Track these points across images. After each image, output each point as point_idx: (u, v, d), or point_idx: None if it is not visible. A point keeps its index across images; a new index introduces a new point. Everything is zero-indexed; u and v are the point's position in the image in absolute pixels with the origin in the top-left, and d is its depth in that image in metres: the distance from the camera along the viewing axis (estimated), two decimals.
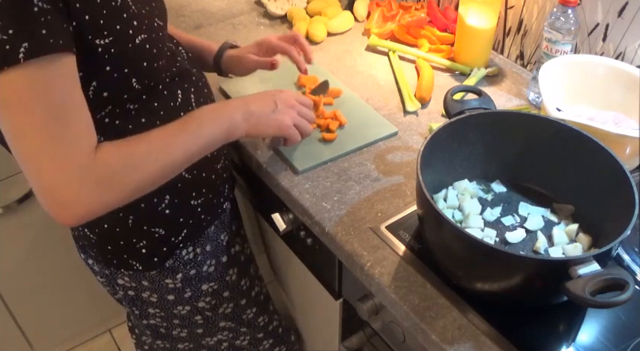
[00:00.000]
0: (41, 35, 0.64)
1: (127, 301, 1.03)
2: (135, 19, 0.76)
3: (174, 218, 0.93)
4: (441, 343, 0.76)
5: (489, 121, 0.90)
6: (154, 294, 1.00)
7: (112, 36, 0.73)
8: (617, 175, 0.80)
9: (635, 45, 1.08)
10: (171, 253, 0.96)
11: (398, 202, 0.96)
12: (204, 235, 1.00)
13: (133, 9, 0.76)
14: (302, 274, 1.17)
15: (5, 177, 1.40)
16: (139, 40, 0.77)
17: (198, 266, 1.00)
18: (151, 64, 0.81)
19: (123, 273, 0.97)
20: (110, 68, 0.75)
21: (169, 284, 0.99)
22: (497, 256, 0.72)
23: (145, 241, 0.92)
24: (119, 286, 1.00)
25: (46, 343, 1.73)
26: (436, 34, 1.34)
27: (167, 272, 0.97)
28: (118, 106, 0.80)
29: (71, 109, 0.68)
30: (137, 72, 0.79)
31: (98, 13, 0.71)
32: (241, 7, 1.52)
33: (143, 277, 0.97)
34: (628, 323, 0.79)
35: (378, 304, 0.93)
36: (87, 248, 0.97)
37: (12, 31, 0.62)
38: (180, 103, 0.87)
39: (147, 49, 0.79)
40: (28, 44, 0.63)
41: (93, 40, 0.71)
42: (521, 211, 0.91)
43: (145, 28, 0.78)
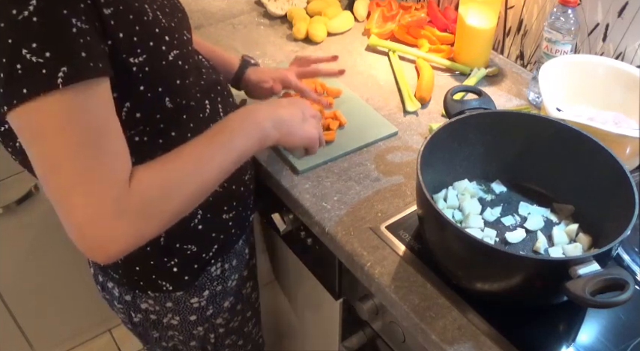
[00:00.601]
0: (81, 58, 0.59)
1: (146, 325, 0.98)
2: (166, 34, 0.73)
3: (207, 234, 0.89)
4: (441, 343, 0.76)
5: (489, 121, 0.90)
6: (177, 316, 0.96)
7: (146, 53, 0.69)
8: (617, 175, 0.80)
9: (635, 45, 1.08)
10: (202, 271, 0.92)
11: (398, 202, 0.96)
12: (233, 249, 0.97)
13: (163, 23, 0.73)
14: (302, 274, 1.17)
15: (5, 177, 1.40)
16: (171, 56, 0.74)
17: (225, 282, 0.97)
18: (183, 81, 0.77)
19: (148, 296, 0.92)
20: (144, 88, 0.71)
21: (194, 304, 0.95)
22: (497, 256, 0.72)
23: (177, 260, 0.88)
24: (141, 311, 0.95)
25: (46, 343, 1.73)
26: (436, 34, 1.34)
27: (194, 290, 0.93)
28: (149, 125, 0.76)
29: (107, 137, 0.63)
30: (170, 90, 0.75)
31: (132, 30, 0.67)
32: (241, 7, 1.52)
33: (169, 298, 0.92)
34: (628, 323, 0.79)
35: (378, 304, 0.93)
36: (109, 271, 0.91)
37: (49, 54, 0.58)
38: (208, 114, 0.84)
39: (179, 66, 0.76)
40: (67, 68, 0.58)
41: (127, 58, 0.68)
42: (521, 211, 0.91)
43: (176, 42, 0.75)
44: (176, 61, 0.75)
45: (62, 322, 1.73)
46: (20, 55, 0.57)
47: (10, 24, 0.57)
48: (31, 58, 0.58)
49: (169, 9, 0.76)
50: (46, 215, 1.49)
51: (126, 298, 0.93)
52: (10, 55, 0.58)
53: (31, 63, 0.58)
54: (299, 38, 1.38)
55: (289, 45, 1.38)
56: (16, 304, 1.60)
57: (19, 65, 0.58)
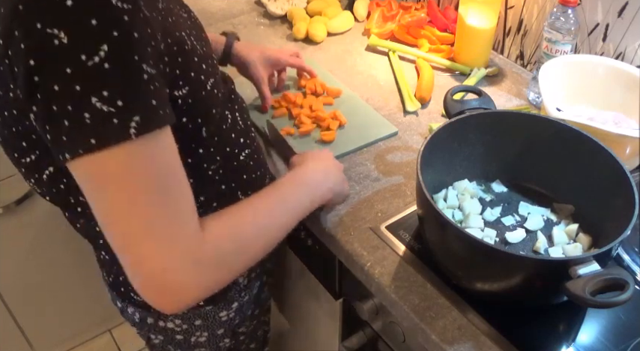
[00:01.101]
0: (152, 107, 0.57)
1: (170, 346, 0.96)
2: (203, 62, 0.71)
3: None
4: (441, 343, 0.76)
5: (489, 121, 0.90)
6: (205, 332, 0.94)
7: (188, 85, 0.67)
8: (617, 175, 0.80)
9: (635, 45, 1.08)
10: (232, 283, 0.90)
11: (398, 202, 0.96)
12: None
13: (199, 49, 0.70)
14: (302, 274, 1.17)
15: (5, 177, 1.40)
16: (209, 85, 0.72)
17: (251, 291, 0.96)
18: (217, 109, 0.76)
19: (175, 315, 0.89)
20: (186, 119, 0.70)
21: (223, 317, 0.93)
22: (497, 256, 0.72)
23: None
24: (165, 331, 0.92)
25: (46, 343, 1.73)
26: (436, 34, 1.34)
27: (224, 304, 0.92)
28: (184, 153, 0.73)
29: (176, 184, 0.61)
30: (207, 121, 0.74)
31: (176, 63, 0.65)
32: (241, 7, 1.52)
33: (198, 315, 0.90)
34: (628, 323, 0.79)
35: (378, 304, 0.93)
36: (132, 294, 0.87)
37: (122, 103, 0.55)
38: (230, 124, 0.82)
39: (215, 95, 0.74)
40: (139, 118, 0.56)
41: (172, 92, 0.65)
42: (521, 211, 0.91)
43: (211, 70, 0.73)
44: (213, 90, 0.73)
45: (62, 322, 1.73)
46: (89, 103, 0.54)
47: (79, 70, 0.53)
48: (101, 107, 0.54)
49: (195, 30, 0.75)
50: (46, 215, 1.49)
51: (148, 321, 0.91)
52: (78, 104, 0.54)
53: (101, 112, 0.54)
54: (299, 38, 1.38)
55: (289, 45, 1.38)
56: (16, 304, 1.60)
57: (87, 114, 0.54)
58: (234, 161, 0.83)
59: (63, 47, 0.53)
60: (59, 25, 0.52)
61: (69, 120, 0.55)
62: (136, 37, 0.55)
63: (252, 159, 0.87)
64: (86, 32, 0.53)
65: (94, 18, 0.53)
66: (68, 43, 0.53)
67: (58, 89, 0.54)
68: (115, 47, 0.54)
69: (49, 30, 0.52)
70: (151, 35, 0.58)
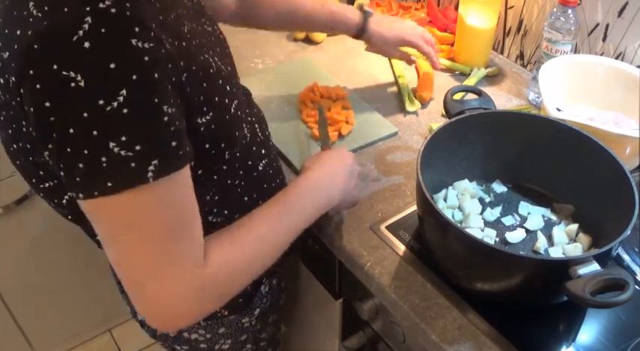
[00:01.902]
0: (171, 149, 0.56)
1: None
2: (227, 84, 0.69)
3: None
4: (441, 343, 0.76)
5: (489, 121, 0.90)
6: (228, 340, 0.94)
7: (212, 110, 0.66)
8: (617, 175, 0.80)
9: (635, 45, 1.08)
10: (255, 291, 0.91)
11: (398, 202, 0.96)
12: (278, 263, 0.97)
13: (223, 70, 0.69)
14: (302, 274, 1.17)
15: (5, 177, 1.40)
16: (233, 108, 0.71)
17: (272, 297, 0.96)
18: (240, 132, 0.75)
19: (199, 325, 0.89)
20: (209, 145, 0.68)
21: (245, 323, 0.93)
22: (497, 256, 0.72)
23: None
24: (189, 341, 0.92)
25: (46, 343, 1.73)
26: (436, 34, 1.34)
27: (247, 311, 0.92)
28: (208, 173, 0.73)
29: (187, 222, 0.62)
30: (230, 145, 0.72)
31: (201, 90, 0.63)
32: None
33: (221, 324, 0.90)
34: (628, 323, 0.79)
35: (378, 304, 0.93)
36: None
37: (140, 148, 0.54)
38: (249, 138, 0.81)
39: (238, 117, 0.73)
40: (158, 161, 0.55)
41: (195, 119, 0.64)
42: (521, 210, 0.91)
43: (235, 90, 0.72)
44: (236, 113, 0.72)
45: (62, 322, 1.73)
46: (107, 148, 0.53)
47: (96, 115, 0.52)
48: (119, 152, 0.53)
49: (219, 46, 0.73)
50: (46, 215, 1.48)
51: (170, 334, 0.91)
52: (95, 148, 0.53)
53: (119, 157, 0.53)
54: (299, 38, 1.38)
55: (289, 45, 1.38)
56: (16, 304, 1.60)
57: (104, 158, 0.53)
58: (254, 172, 0.82)
59: (80, 91, 0.51)
60: (75, 68, 0.51)
61: (84, 163, 0.54)
62: (157, 78, 0.54)
63: (272, 167, 0.86)
64: (104, 76, 0.52)
65: (112, 61, 0.52)
66: (85, 87, 0.51)
67: (73, 132, 0.53)
68: (134, 91, 0.53)
69: (65, 72, 0.51)
70: (172, 71, 0.56)
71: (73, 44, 0.51)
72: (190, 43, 0.63)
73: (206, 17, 0.75)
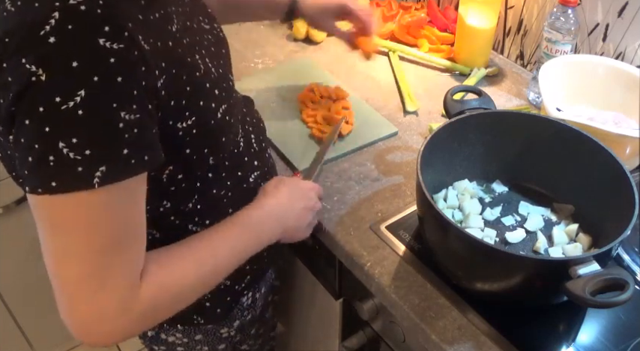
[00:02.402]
0: (123, 157, 0.55)
1: None
2: (216, 87, 0.68)
3: (241, 267, 0.80)
4: (441, 343, 0.76)
5: (489, 121, 0.90)
6: (205, 346, 0.92)
7: (195, 115, 0.64)
8: (617, 175, 0.80)
9: (635, 45, 1.08)
10: (234, 303, 0.89)
11: (398, 202, 0.96)
12: (263, 278, 0.95)
13: (213, 73, 0.68)
14: (302, 274, 1.17)
15: (5, 177, 1.39)
16: (220, 113, 0.69)
17: (255, 311, 0.95)
18: (228, 136, 0.73)
19: (176, 329, 0.88)
20: (190, 151, 0.67)
21: (224, 334, 0.92)
22: (497, 256, 0.72)
23: (210, 295, 0.81)
24: (166, 343, 0.91)
25: (46, 343, 1.73)
26: (436, 34, 1.34)
27: (225, 322, 0.91)
28: (189, 179, 0.71)
29: (128, 237, 0.60)
30: (215, 151, 0.71)
31: (183, 94, 0.62)
32: None
33: (198, 331, 0.89)
34: (628, 323, 0.79)
35: (378, 304, 0.93)
36: None
37: (89, 152, 0.53)
38: (242, 148, 0.80)
39: (226, 121, 0.71)
40: (105, 168, 0.54)
41: (174, 124, 0.63)
42: (521, 211, 0.91)
43: (225, 94, 0.70)
44: (224, 117, 0.70)
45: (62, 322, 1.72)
46: (56, 147, 0.52)
47: (51, 112, 0.52)
48: (67, 154, 0.52)
49: (215, 46, 0.72)
50: None
51: (149, 333, 0.90)
52: (44, 144, 0.53)
53: (67, 158, 0.53)
54: (299, 38, 1.38)
55: (289, 45, 1.37)
56: (16, 304, 1.59)
57: (52, 157, 0.53)
58: (244, 184, 0.81)
59: (40, 85, 0.51)
60: (38, 62, 0.51)
61: (33, 158, 0.53)
62: (120, 82, 0.53)
63: (264, 179, 0.85)
64: (65, 73, 0.51)
65: (75, 59, 0.51)
66: (45, 82, 0.51)
67: (28, 124, 0.53)
68: (92, 94, 0.52)
69: (29, 65, 0.51)
70: (145, 74, 0.55)
71: (39, 39, 0.51)
72: (177, 43, 0.62)
73: (205, 15, 0.74)
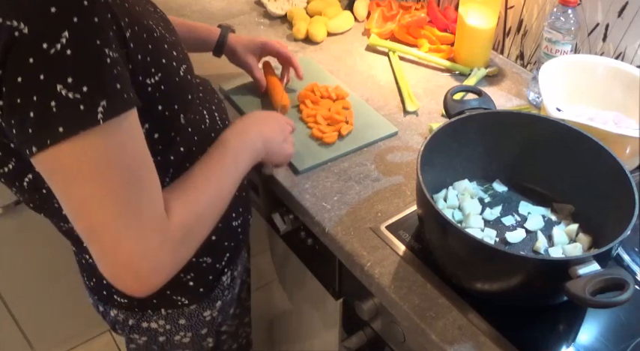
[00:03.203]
0: (117, 91, 0.57)
1: (152, 347, 0.95)
2: (173, 49, 0.71)
3: (220, 243, 0.89)
4: (441, 343, 0.76)
5: (489, 121, 0.90)
6: (189, 332, 0.94)
7: (160, 72, 0.67)
8: (617, 175, 0.80)
9: (635, 45, 1.08)
10: (216, 281, 0.92)
11: (398, 202, 0.96)
12: (240, 256, 0.97)
13: (167, 38, 0.71)
14: (302, 274, 1.17)
15: None
16: (182, 71, 0.72)
17: (233, 289, 0.97)
18: (192, 95, 0.77)
19: (159, 315, 0.89)
20: (162, 107, 0.70)
21: (207, 316, 0.94)
22: (497, 256, 0.72)
23: (193, 274, 0.87)
24: (148, 331, 0.92)
25: (46, 343, 1.73)
26: (436, 34, 1.34)
27: (208, 302, 0.92)
28: (165, 143, 0.74)
29: (144, 169, 0.62)
30: (184, 106, 0.74)
31: (146, 50, 0.64)
32: (241, 7, 1.52)
33: (182, 314, 0.90)
34: (628, 323, 0.79)
35: (378, 304, 0.93)
36: (116, 296, 0.88)
37: (87, 89, 0.54)
38: (208, 124, 0.83)
39: (188, 80, 0.74)
40: (106, 102, 0.55)
41: (144, 80, 0.65)
42: (521, 210, 0.91)
43: (182, 56, 0.74)
44: (186, 76, 0.74)
45: (62, 322, 1.73)
46: (55, 91, 0.53)
47: (41, 59, 0.53)
48: (67, 95, 0.54)
49: (163, 22, 0.75)
50: None
51: (130, 322, 0.91)
52: (43, 93, 0.54)
53: (67, 99, 0.54)
54: (299, 38, 1.38)
55: (289, 45, 1.38)
56: (16, 304, 1.59)
57: (53, 102, 0.54)
58: None
59: (24, 38, 0.52)
60: (18, 17, 0.52)
61: (35, 111, 0.54)
62: (97, 22, 0.55)
63: None
64: (46, 21, 0.53)
65: (52, 6, 0.53)
66: (29, 33, 0.52)
67: (21, 80, 0.53)
68: (76, 33, 0.54)
69: (9, 22, 0.52)
70: (112, 20, 0.58)
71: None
72: (132, 8, 0.64)
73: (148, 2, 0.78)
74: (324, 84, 1.18)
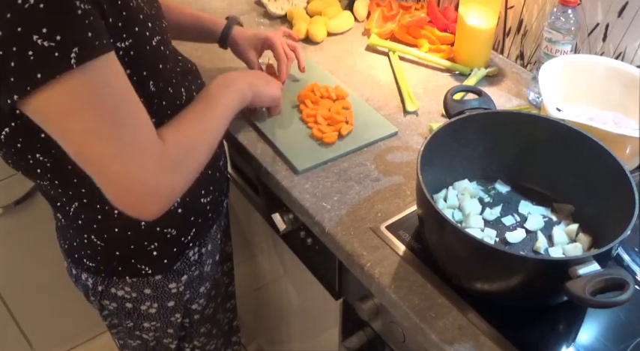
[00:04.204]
0: (88, 38, 0.62)
1: (121, 314, 0.99)
2: (149, 21, 0.76)
3: (186, 218, 0.93)
4: (441, 343, 0.76)
5: (489, 121, 0.90)
6: (155, 303, 0.98)
7: (132, 38, 0.73)
8: (617, 175, 0.80)
9: (635, 45, 1.08)
10: (180, 255, 0.95)
11: (398, 202, 0.96)
12: (209, 234, 1.00)
13: (146, 10, 0.76)
14: (302, 274, 1.17)
15: (5, 177, 1.40)
16: (154, 41, 0.77)
17: (202, 266, 1.00)
18: (164, 66, 0.81)
19: (125, 282, 0.94)
20: (130, 71, 0.74)
21: (172, 289, 0.97)
22: (497, 256, 0.72)
23: (157, 243, 0.91)
24: (116, 298, 0.96)
25: (46, 343, 1.73)
26: (436, 34, 1.34)
27: (173, 275, 0.96)
28: None
29: (132, 103, 0.69)
30: (154, 74, 0.79)
31: (119, 16, 0.70)
32: (241, 7, 1.52)
33: (147, 284, 0.94)
34: (628, 323, 0.79)
35: (378, 304, 0.93)
36: (85, 261, 0.92)
37: (60, 37, 0.60)
38: (185, 101, 0.87)
39: (161, 51, 0.80)
40: (78, 49, 0.61)
41: (115, 43, 0.71)
42: (521, 210, 0.91)
43: (158, 29, 0.78)
44: (158, 47, 0.79)
45: (62, 322, 1.73)
46: (31, 41, 0.59)
47: (17, 13, 0.59)
48: (42, 43, 0.59)
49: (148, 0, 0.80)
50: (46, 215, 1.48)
51: (99, 288, 0.95)
52: (21, 43, 0.59)
53: (42, 48, 0.60)
54: (299, 38, 1.38)
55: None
56: (16, 304, 1.60)
57: (30, 52, 0.59)
58: None
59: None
60: None
61: (15, 60, 0.60)
62: None
63: None
64: None
65: None
66: None
67: (2, 35, 0.59)
68: None
69: None
70: None
71: None
72: None
73: None
74: (324, 84, 1.18)
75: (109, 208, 0.85)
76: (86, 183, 0.79)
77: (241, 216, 1.35)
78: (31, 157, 0.77)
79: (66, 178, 0.81)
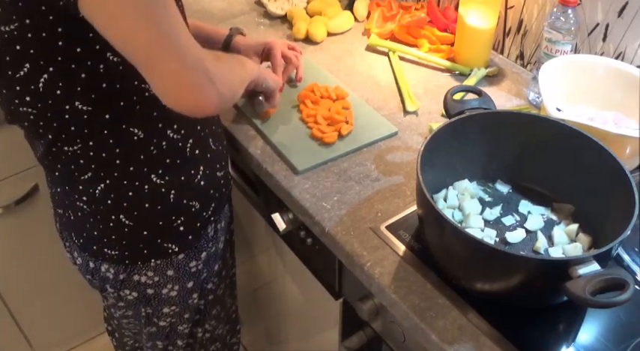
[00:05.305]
0: None
1: (139, 303, 1.00)
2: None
3: (206, 190, 0.96)
4: (441, 343, 0.76)
5: (489, 121, 0.90)
6: (176, 285, 1.00)
7: None
8: (617, 175, 0.80)
9: (635, 45, 1.08)
10: (202, 229, 0.98)
11: (398, 202, 0.96)
12: (223, 210, 1.03)
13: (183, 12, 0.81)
14: (302, 274, 1.17)
15: (5, 177, 1.40)
16: None
17: (217, 243, 1.03)
18: None
19: (148, 266, 0.95)
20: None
21: (192, 268, 1.00)
22: (497, 256, 0.72)
23: (183, 217, 0.94)
24: (137, 286, 0.97)
25: (46, 343, 1.73)
26: (436, 34, 1.34)
27: (194, 253, 0.99)
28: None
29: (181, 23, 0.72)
30: None
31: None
32: (241, 7, 1.52)
33: (170, 265, 0.97)
34: (628, 323, 0.79)
35: (378, 304, 0.93)
36: (106, 249, 0.92)
37: None
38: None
39: None
40: None
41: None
42: (522, 210, 0.91)
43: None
44: None
45: (62, 322, 1.73)
46: None
47: None
48: None
49: None
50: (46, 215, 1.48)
51: (120, 277, 0.96)
52: None
53: None
54: (299, 38, 1.38)
55: None
56: (16, 304, 1.60)
57: None
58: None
59: None
60: None
61: None
62: None
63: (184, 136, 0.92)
64: None
65: None
66: None
67: None
68: None
69: None
70: None
71: None
72: None
73: None
74: (324, 84, 1.18)
75: (139, 184, 0.87)
76: (121, 147, 0.84)
77: (241, 216, 1.35)
78: (69, 108, 0.79)
79: (101, 142, 0.82)
